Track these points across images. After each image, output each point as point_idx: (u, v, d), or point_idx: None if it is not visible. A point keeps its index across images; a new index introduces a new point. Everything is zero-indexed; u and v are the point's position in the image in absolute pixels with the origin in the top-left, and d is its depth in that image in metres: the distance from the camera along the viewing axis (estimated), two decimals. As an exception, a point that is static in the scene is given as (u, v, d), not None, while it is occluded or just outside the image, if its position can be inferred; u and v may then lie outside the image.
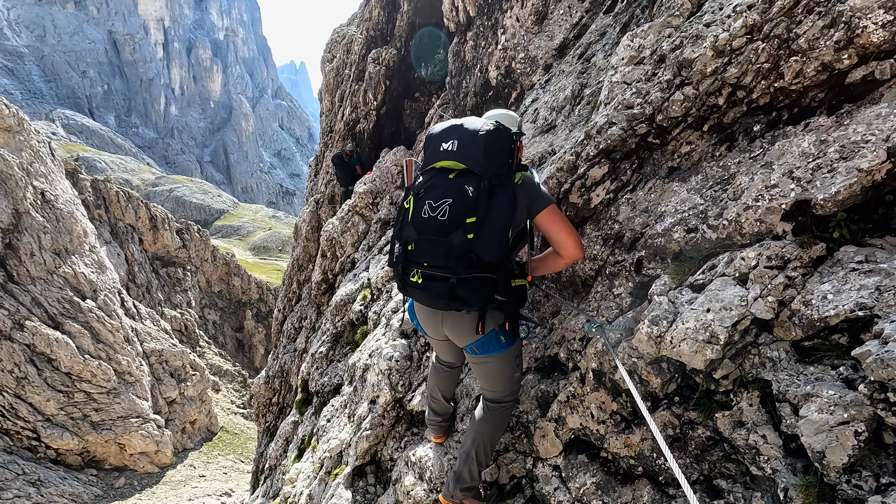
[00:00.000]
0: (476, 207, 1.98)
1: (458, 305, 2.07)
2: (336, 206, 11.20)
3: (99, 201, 30.59)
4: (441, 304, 2.10)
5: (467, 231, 1.98)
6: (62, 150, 40.97)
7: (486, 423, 2.45)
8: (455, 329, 2.29)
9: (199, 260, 36.96)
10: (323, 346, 6.44)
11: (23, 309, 17.57)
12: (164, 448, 19.98)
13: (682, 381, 1.88)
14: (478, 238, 1.99)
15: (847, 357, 1.44)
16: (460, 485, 2.48)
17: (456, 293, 2.01)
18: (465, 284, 2.01)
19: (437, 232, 2.02)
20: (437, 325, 2.37)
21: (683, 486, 1.24)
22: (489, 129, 2.08)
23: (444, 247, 2.02)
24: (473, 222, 1.98)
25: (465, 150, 2.08)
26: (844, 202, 1.57)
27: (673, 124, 2.21)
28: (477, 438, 2.44)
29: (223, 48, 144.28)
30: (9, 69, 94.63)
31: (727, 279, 1.73)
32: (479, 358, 2.31)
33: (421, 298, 2.18)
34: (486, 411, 2.47)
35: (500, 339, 2.25)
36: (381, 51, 10.14)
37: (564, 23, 4.79)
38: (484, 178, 2.02)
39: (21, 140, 19.94)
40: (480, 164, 2.04)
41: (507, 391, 2.42)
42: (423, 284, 2.09)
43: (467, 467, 2.45)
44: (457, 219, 1.99)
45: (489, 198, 2.01)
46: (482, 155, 2.05)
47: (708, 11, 2.20)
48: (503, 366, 2.33)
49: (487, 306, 2.12)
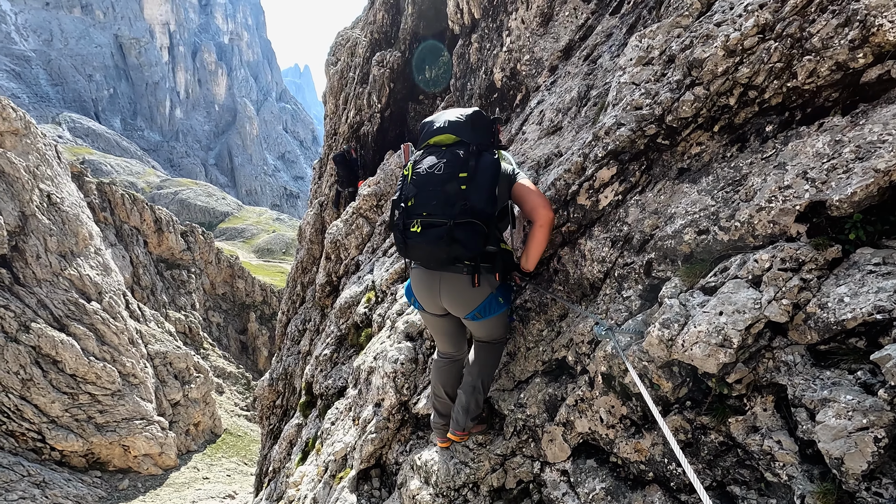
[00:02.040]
0: (467, 165, 2.36)
1: (457, 249, 2.32)
2: (339, 208, 11.23)
3: (104, 204, 30.75)
4: (439, 249, 2.35)
5: (460, 182, 2.33)
6: (68, 154, 41.18)
7: (485, 359, 2.77)
8: (452, 296, 2.52)
9: (203, 262, 37.07)
10: (327, 348, 6.43)
11: (28, 311, 17.66)
12: (167, 450, 20.00)
13: (694, 385, 1.85)
14: (470, 188, 2.32)
15: (865, 361, 1.41)
16: (470, 415, 2.78)
17: (454, 235, 2.29)
18: (461, 228, 2.30)
19: (435, 183, 2.37)
20: (435, 296, 2.59)
21: (699, 492, 1.21)
22: (474, 110, 2.55)
23: (442, 196, 2.34)
24: (465, 176, 2.34)
25: (455, 125, 2.49)
26: (860, 203, 1.54)
27: (683, 125, 2.19)
28: (481, 371, 2.75)
29: (228, 52, 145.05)
30: (16, 73, 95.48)
31: (740, 281, 1.70)
32: (482, 322, 2.59)
33: (421, 246, 2.42)
34: (484, 350, 2.78)
35: (499, 300, 2.54)
36: (385, 54, 10.15)
37: (570, 24, 4.77)
38: (472, 144, 2.43)
39: (28, 143, 20.08)
40: (469, 135, 2.46)
41: (499, 335, 2.77)
42: (423, 232, 2.37)
43: (474, 398, 2.76)
44: (451, 172, 2.35)
45: (477, 158, 2.39)
46: (469, 128, 2.48)
47: (718, 11, 2.18)
48: (500, 319, 2.65)
49: (479, 265, 2.38)
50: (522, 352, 2.92)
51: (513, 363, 2.97)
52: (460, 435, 2.84)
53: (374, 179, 8.31)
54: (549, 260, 2.86)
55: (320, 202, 12.23)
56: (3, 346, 16.44)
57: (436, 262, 2.46)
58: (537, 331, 2.86)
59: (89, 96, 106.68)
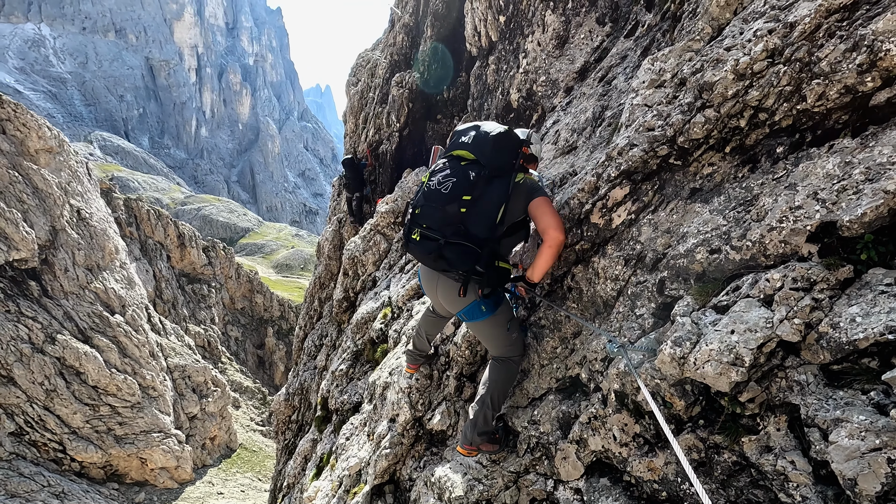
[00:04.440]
0: (473, 189, 2.44)
1: (444, 265, 2.51)
2: (351, 212, 11.46)
3: (131, 219, 31.65)
4: (429, 260, 2.54)
5: (461, 206, 2.44)
6: (98, 170, 42.75)
7: (495, 375, 2.85)
8: (445, 295, 2.74)
9: (223, 277, 37.71)
10: (343, 363, 6.48)
11: (55, 322, 18.15)
12: (184, 464, 20.13)
13: (707, 403, 1.85)
14: (469, 213, 2.45)
15: (878, 382, 1.40)
16: (478, 429, 2.83)
17: (442, 253, 2.45)
18: (451, 248, 2.45)
19: (438, 201, 2.48)
20: (434, 290, 2.84)
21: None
22: (500, 131, 2.56)
23: (441, 214, 2.48)
24: (469, 200, 2.43)
25: (477, 143, 2.54)
26: (871, 224, 1.55)
27: (694, 146, 2.23)
28: (491, 387, 2.82)
29: (252, 73, 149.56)
30: (52, 94, 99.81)
31: (752, 300, 1.72)
32: (469, 324, 2.80)
33: (417, 253, 2.61)
34: (495, 366, 2.88)
35: (481, 308, 2.65)
36: (404, 74, 10.39)
37: (585, 47, 4.86)
38: (486, 167, 2.48)
39: (61, 160, 20.90)
40: (486, 157, 2.50)
41: (507, 351, 2.83)
42: (420, 242, 2.54)
43: (483, 413, 2.82)
44: (455, 194, 2.45)
45: (486, 184, 2.47)
46: (489, 149, 2.51)
47: (728, 36, 2.23)
48: (492, 330, 2.77)
49: (470, 277, 2.52)
50: (536, 369, 2.93)
51: (526, 380, 2.98)
52: (468, 449, 2.91)
53: (392, 197, 8.45)
54: (562, 278, 2.89)
55: (339, 219, 12.44)
56: (29, 356, 16.89)
57: (432, 266, 2.65)
58: (551, 348, 2.87)
59: (120, 116, 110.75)
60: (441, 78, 9.48)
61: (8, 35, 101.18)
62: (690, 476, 1.37)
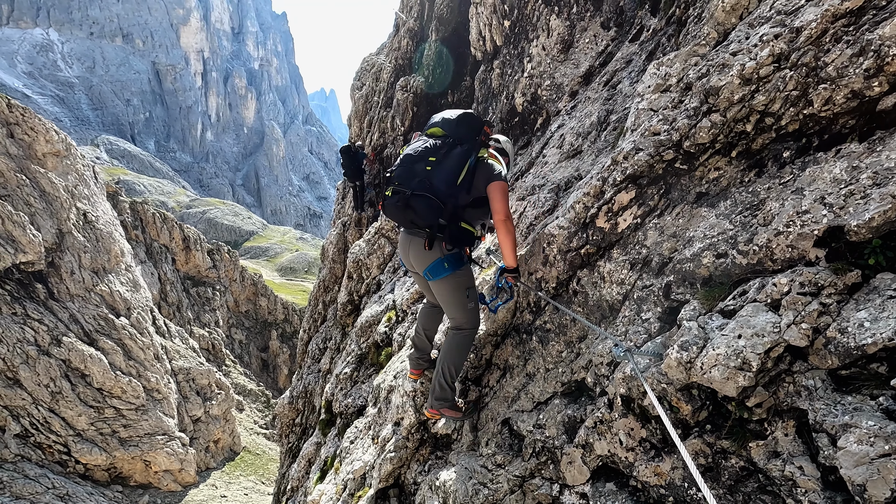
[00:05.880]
0: (438, 151, 2.92)
1: (411, 214, 2.88)
2: (356, 204, 11.49)
3: (136, 222, 31.85)
4: (399, 211, 2.91)
5: (427, 164, 2.88)
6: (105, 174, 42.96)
7: (448, 345, 3.14)
8: (414, 254, 3.07)
9: (228, 280, 37.85)
10: (347, 367, 6.49)
11: (61, 325, 18.26)
12: (187, 467, 20.17)
13: (714, 408, 1.84)
14: (434, 170, 2.87)
15: (887, 387, 1.40)
16: (435, 395, 3.19)
17: (409, 203, 2.84)
18: (416, 199, 2.84)
19: (409, 162, 2.93)
20: (407, 251, 3.15)
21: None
22: (464, 112, 3.06)
23: (410, 171, 2.90)
24: (434, 160, 2.89)
25: (445, 122, 3.03)
26: (879, 229, 1.55)
27: (700, 150, 2.23)
28: (444, 356, 3.14)
29: (258, 77, 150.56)
30: (60, 98, 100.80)
31: (759, 305, 1.71)
32: (432, 283, 3.07)
33: (389, 208, 2.97)
34: (449, 335, 3.17)
35: (444, 265, 2.98)
36: (409, 79, 10.44)
37: (590, 51, 4.88)
38: (450, 138, 2.96)
39: (68, 164, 21.08)
40: (452, 129, 2.99)
41: (462, 318, 3.11)
42: (392, 197, 2.92)
43: (438, 381, 3.16)
44: (424, 156, 2.92)
45: (450, 149, 2.93)
46: (455, 125, 3.00)
47: (734, 41, 2.23)
48: (453, 292, 3.07)
49: (434, 234, 2.88)
50: (542, 373, 2.93)
51: (532, 384, 2.98)
52: (431, 412, 3.29)
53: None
54: (568, 281, 2.89)
55: (343, 222, 12.47)
56: (35, 358, 17.00)
57: (403, 223, 3.05)
58: (557, 352, 2.87)
59: (126, 120, 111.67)
60: (445, 82, 9.52)
61: (17, 40, 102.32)
62: (698, 481, 1.36)
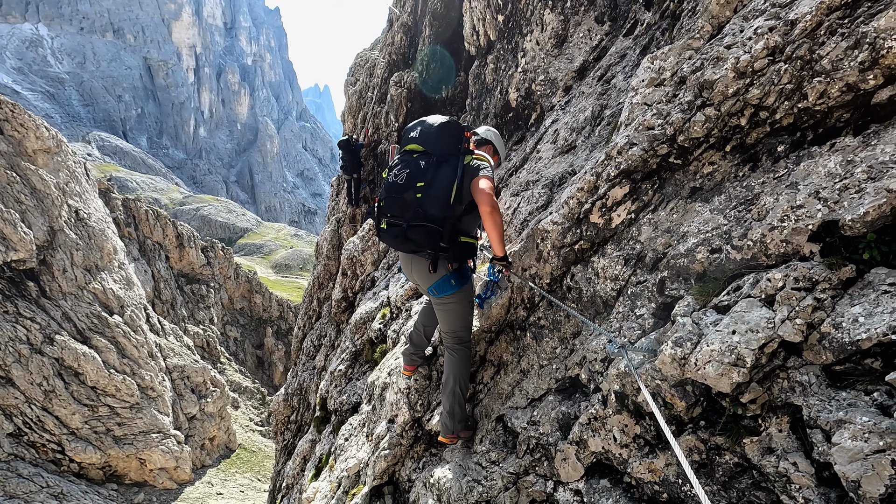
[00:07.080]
0: (425, 175, 2.72)
1: (411, 246, 2.79)
2: (350, 198, 11.42)
3: (129, 219, 31.57)
4: (398, 243, 2.81)
5: (416, 192, 2.70)
6: (97, 171, 42.62)
7: (456, 365, 3.08)
8: (418, 273, 2.97)
9: (222, 277, 37.64)
10: (342, 364, 6.47)
11: (53, 323, 18.10)
12: (183, 464, 20.09)
13: (708, 404, 1.83)
14: (424, 197, 2.70)
15: (881, 382, 1.39)
16: (457, 419, 3.09)
17: (407, 235, 2.73)
18: (414, 230, 2.71)
19: (396, 191, 2.76)
20: (410, 270, 3.06)
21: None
22: (443, 121, 2.84)
23: (400, 202, 2.74)
24: (422, 186, 2.70)
25: (424, 135, 2.83)
26: (874, 223, 1.54)
27: (694, 145, 2.21)
28: (456, 377, 3.06)
29: (251, 73, 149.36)
30: (50, 94, 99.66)
31: (753, 301, 1.70)
32: (438, 299, 2.99)
33: (387, 239, 2.88)
34: (452, 356, 3.10)
35: (451, 282, 2.90)
36: (402, 74, 10.37)
37: (584, 45, 4.85)
38: (433, 155, 2.77)
39: (59, 161, 20.84)
40: (432, 145, 2.79)
41: (464, 332, 3.08)
42: (387, 229, 2.82)
43: (457, 402, 3.07)
44: (410, 182, 2.73)
45: (436, 169, 2.74)
46: (434, 139, 2.80)
47: (728, 34, 2.21)
48: (458, 306, 3.01)
49: (438, 254, 2.76)
50: (536, 369, 2.92)
51: (526, 381, 2.97)
52: (450, 438, 3.15)
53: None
54: (562, 277, 2.87)
55: (338, 219, 12.41)
56: (28, 357, 16.85)
57: (403, 251, 2.95)
58: (550, 349, 2.86)
59: (118, 116, 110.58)
60: (440, 77, 9.46)
61: (6, 35, 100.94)
62: (691, 478, 1.35)
